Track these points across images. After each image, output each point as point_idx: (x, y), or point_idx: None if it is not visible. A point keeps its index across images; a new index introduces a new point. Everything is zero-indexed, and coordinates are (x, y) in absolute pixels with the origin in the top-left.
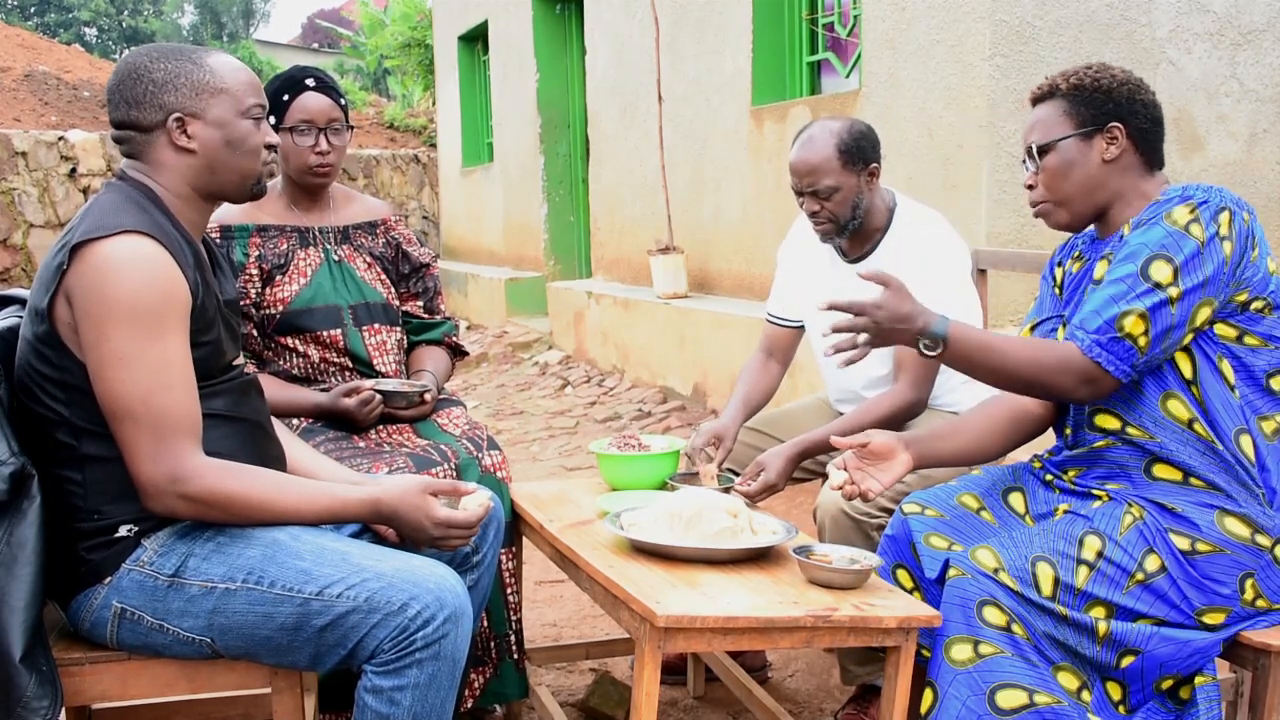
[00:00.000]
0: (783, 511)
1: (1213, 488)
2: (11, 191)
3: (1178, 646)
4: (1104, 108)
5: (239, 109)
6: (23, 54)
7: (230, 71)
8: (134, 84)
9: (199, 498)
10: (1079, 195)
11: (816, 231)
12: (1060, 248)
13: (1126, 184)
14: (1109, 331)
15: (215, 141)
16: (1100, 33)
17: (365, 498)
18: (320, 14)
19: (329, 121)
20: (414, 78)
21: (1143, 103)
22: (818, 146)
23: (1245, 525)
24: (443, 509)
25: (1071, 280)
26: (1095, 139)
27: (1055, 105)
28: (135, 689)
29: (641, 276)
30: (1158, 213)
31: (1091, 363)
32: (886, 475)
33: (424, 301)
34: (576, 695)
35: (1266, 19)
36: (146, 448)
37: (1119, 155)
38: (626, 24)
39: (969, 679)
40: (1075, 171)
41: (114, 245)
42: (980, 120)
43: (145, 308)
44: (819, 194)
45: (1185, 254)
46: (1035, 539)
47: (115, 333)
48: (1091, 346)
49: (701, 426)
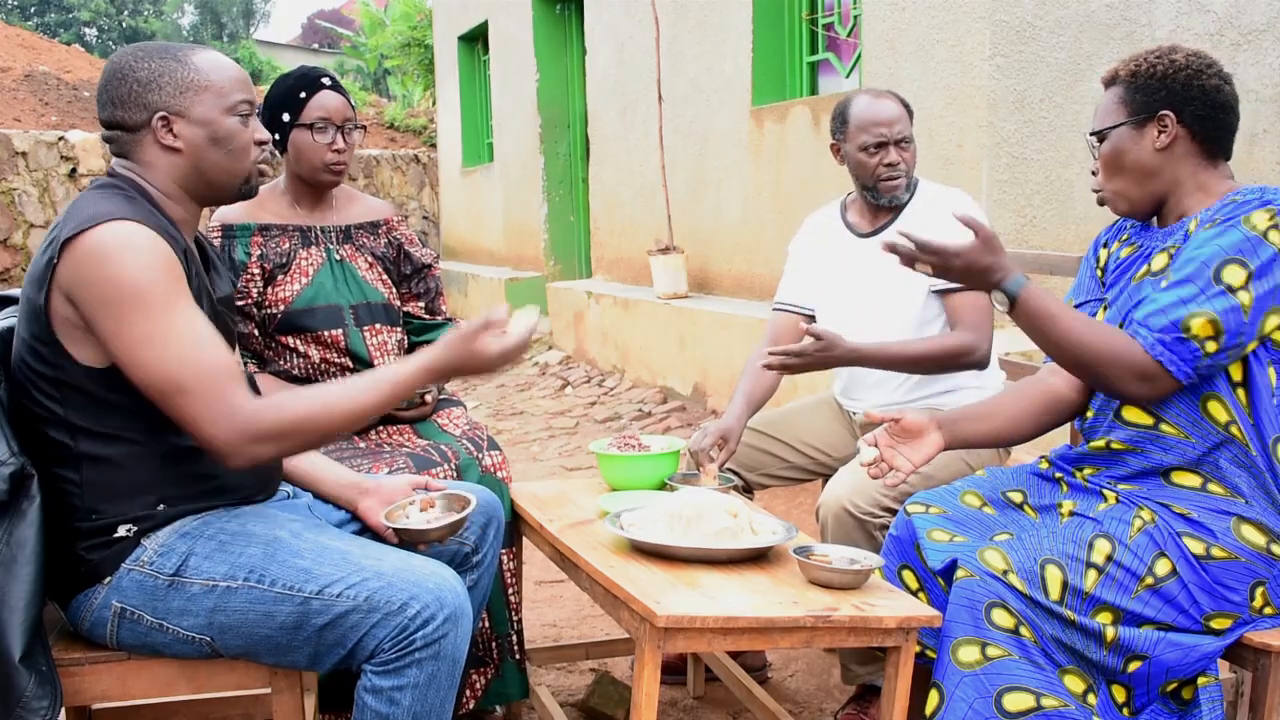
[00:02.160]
0: (783, 511)
1: (1234, 494)
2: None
3: (1184, 652)
4: (1157, 94)
5: (224, 106)
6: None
7: (215, 68)
8: (119, 83)
9: (272, 434)
10: (1133, 183)
11: (890, 188)
12: (1107, 228)
13: (1184, 173)
14: (1174, 331)
15: (200, 139)
16: (1100, 33)
17: (418, 368)
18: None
19: (344, 120)
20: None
21: (1202, 88)
22: (891, 101)
23: (1262, 534)
24: (495, 345)
25: (1117, 264)
26: (1148, 127)
27: (1115, 92)
28: (135, 689)
29: (641, 276)
30: (1235, 215)
31: (1153, 361)
32: (917, 454)
33: (425, 302)
34: (576, 695)
35: (1266, 19)
36: (205, 412)
37: (1171, 143)
38: (627, 24)
39: (976, 681)
40: (1128, 160)
41: (104, 233)
42: (980, 120)
43: (153, 284)
44: (903, 143)
45: (1262, 260)
46: (1044, 541)
47: (133, 317)
48: (1155, 345)
49: (706, 426)
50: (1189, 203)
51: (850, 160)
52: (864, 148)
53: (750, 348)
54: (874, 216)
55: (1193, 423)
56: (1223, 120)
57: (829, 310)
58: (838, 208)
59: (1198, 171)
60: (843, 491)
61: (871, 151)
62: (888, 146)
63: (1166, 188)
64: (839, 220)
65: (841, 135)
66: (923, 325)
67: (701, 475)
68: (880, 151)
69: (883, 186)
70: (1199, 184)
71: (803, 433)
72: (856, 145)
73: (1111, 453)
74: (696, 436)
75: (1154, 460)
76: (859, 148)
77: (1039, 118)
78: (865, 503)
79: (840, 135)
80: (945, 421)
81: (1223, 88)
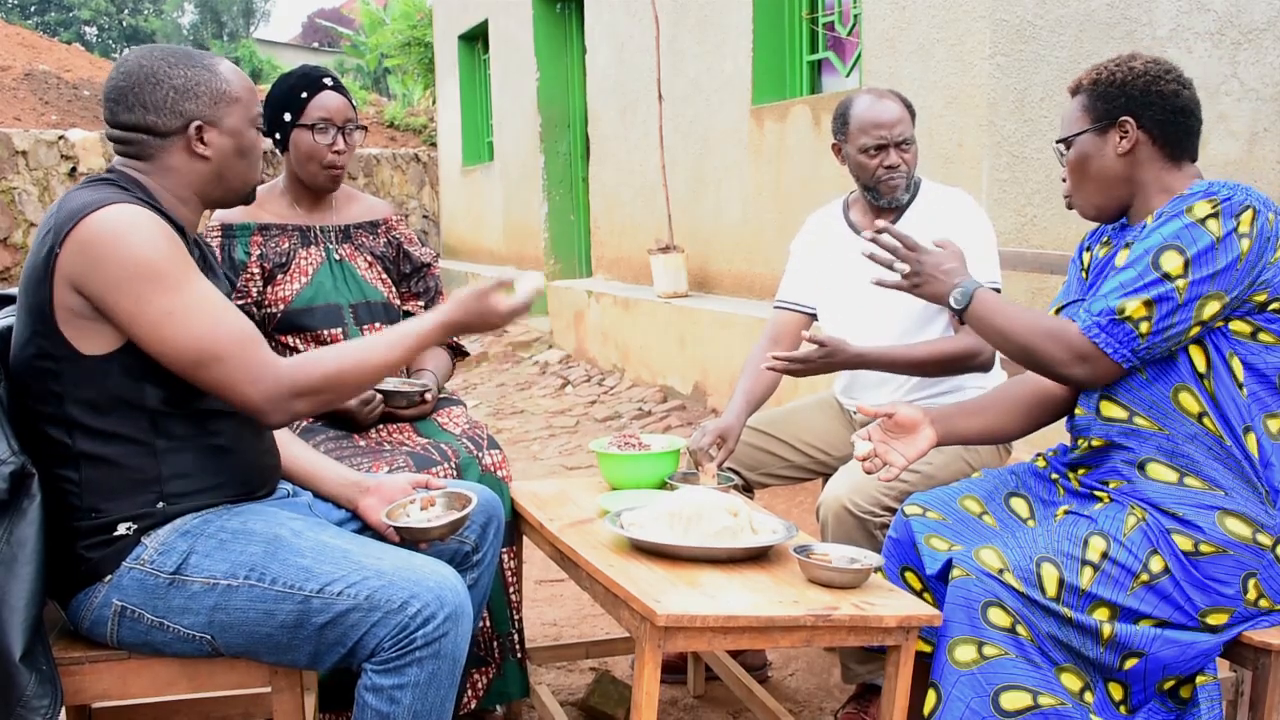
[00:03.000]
0: (783, 511)
1: (1212, 487)
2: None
3: (1181, 649)
4: (1116, 101)
5: (249, 117)
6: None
7: (240, 80)
8: (153, 88)
9: (309, 388)
10: (1098, 188)
11: (890, 188)
12: (1090, 233)
13: (1147, 176)
14: (1109, 314)
15: (228, 150)
16: (1100, 32)
17: (436, 324)
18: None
19: (346, 120)
20: (414, 77)
21: (1160, 93)
22: (894, 102)
23: (1246, 525)
24: (504, 303)
25: (1097, 265)
26: (1110, 133)
27: (1078, 100)
28: (135, 688)
29: (642, 276)
30: (1180, 206)
31: (1089, 342)
32: (911, 450)
33: (425, 301)
34: (577, 694)
35: (1267, 18)
36: (241, 374)
37: (1132, 148)
38: (627, 23)
39: (973, 680)
40: (1092, 165)
41: (106, 216)
42: (980, 120)
43: (166, 260)
44: (904, 145)
45: (1199, 247)
46: (1039, 539)
47: (152, 294)
48: (1091, 327)
49: (706, 425)
50: (1154, 203)
51: (851, 161)
52: (864, 149)
53: (750, 347)
54: (876, 216)
55: (1165, 414)
56: (1182, 123)
57: (831, 309)
58: (840, 206)
59: (1161, 174)
60: (843, 491)
61: (872, 153)
62: (888, 149)
63: (1131, 190)
64: (841, 219)
65: (843, 136)
66: (925, 323)
67: (701, 474)
68: (880, 154)
69: (883, 188)
70: (1163, 185)
71: (803, 432)
72: (857, 147)
73: (1094, 450)
74: (696, 435)
75: (1132, 454)
76: (859, 149)
77: (1039, 117)
78: (865, 502)
79: (841, 136)
80: (938, 417)
81: (1181, 92)
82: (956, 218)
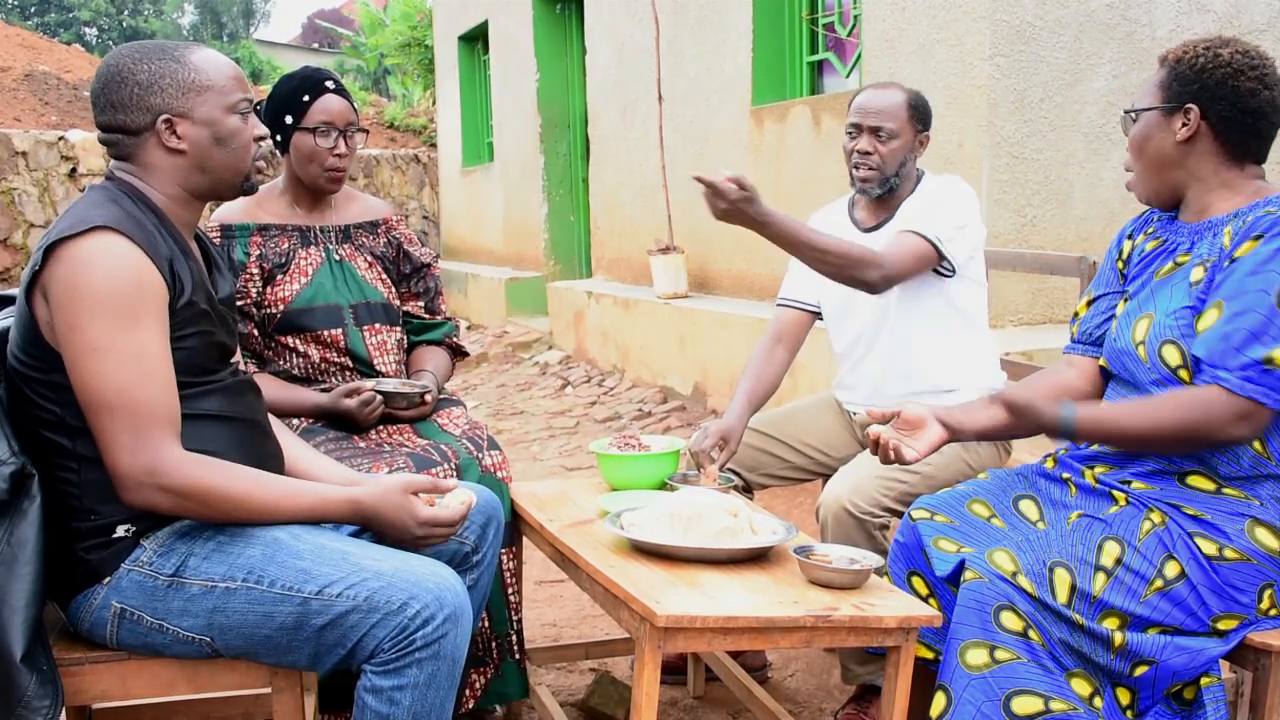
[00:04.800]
0: (783, 511)
1: (1250, 497)
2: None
3: (1191, 655)
4: (1190, 87)
5: (226, 105)
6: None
7: (215, 67)
8: (118, 87)
9: (177, 489)
10: (1152, 169)
11: (858, 177)
12: (1133, 220)
13: (1205, 170)
14: (1258, 367)
15: (205, 140)
16: (1101, 32)
17: (346, 497)
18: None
19: (347, 124)
20: (414, 77)
21: (1235, 89)
22: (892, 92)
23: (1276, 537)
24: (425, 508)
25: (1141, 256)
26: (1175, 116)
27: (1159, 74)
28: (135, 689)
29: (642, 276)
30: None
31: (1243, 399)
32: (922, 443)
33: (425, 302)
34: (576, 695)
35: (1266, 19)
36: (124, 439)
37: (1192, 138)
38: (627, 24)
39: (984, 684)
40: (1151, 145)
41: (84, 242)
42: (980, 120)
43: (117, 298)
44: (880, 134)
45: None
46: (1053, 543)
47: (88, 324)
48: (1243, 385)
49: (708, 427)
50: (1211, 199)
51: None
52: (847, 131)
53: (750, 347)
54: (876, 211)
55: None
56: (1250, 125)
57: (832, 306)
58: (845, 204)
59: (1220, 169)
60: (843, 491)
61: (851, 136)
62: (862, 133)
63: (1184, 180)
64: (845, 215)
65: None
66: (927, 321)
67: (702, 475)
68: (856, 137)
69: (854, 175)
70: (1222, 181)
71: (803, 433)
72: (845, 130)
73: (1127, 453)
74: (697, 436)
75: (1174, 463)
76: (845, 131)
77: (1039, 118)
78: (865, 502)
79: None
80: (946, 415)
81: (1260, 92)
82: (931, 191)
